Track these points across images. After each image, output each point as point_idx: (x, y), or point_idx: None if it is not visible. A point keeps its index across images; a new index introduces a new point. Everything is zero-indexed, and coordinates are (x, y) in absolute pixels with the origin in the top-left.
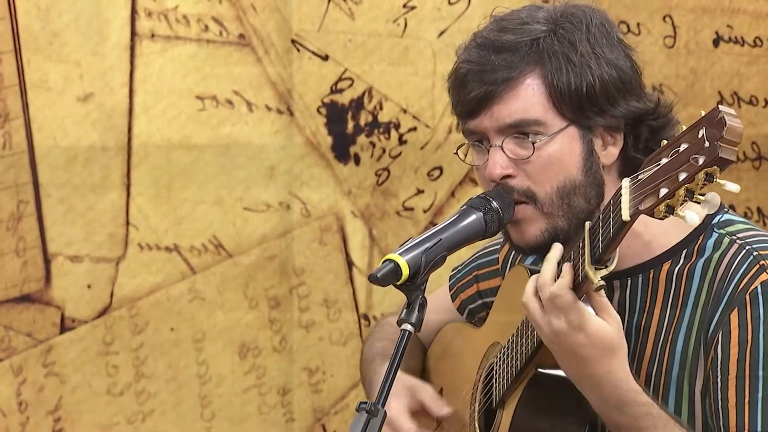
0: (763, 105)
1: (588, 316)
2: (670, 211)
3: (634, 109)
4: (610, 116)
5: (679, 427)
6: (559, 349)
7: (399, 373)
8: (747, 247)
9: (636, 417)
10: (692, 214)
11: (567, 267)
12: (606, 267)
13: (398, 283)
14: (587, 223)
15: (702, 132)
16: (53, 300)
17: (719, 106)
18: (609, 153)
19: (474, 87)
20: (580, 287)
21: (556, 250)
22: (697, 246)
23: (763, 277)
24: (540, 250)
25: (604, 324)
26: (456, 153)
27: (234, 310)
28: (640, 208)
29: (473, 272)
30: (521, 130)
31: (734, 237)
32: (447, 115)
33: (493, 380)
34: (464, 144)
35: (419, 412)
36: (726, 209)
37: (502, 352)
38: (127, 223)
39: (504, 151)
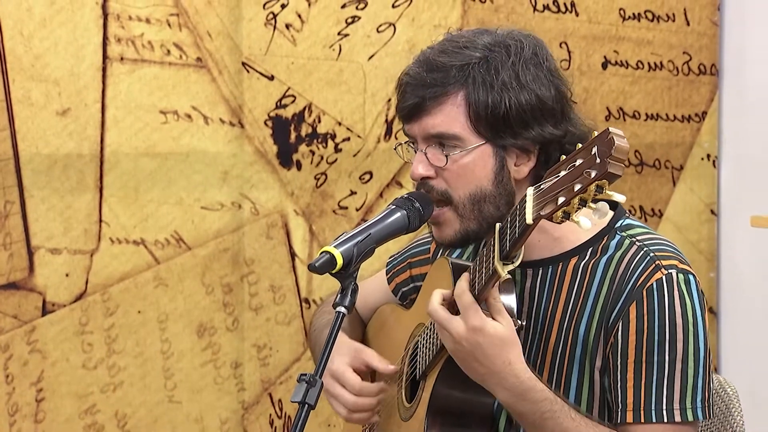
0: (644, 119)
1: (483, 317)
2: (566, 216)
3: (546, 134)
4: (523, 138)
5: (574, 410)
6: (461, 355)
7: (345, 338)
8: (645, 249)
9: (536, 402)
10: (585, 220)
11: (465, 275)
12: (512, 262)
13: (333, 271)
14: (497, 225)
15: (595, 150)
16: (36, 287)
17: (609, 128)
18: (520, 170)
19: (409, 97)
20: (489, 280)
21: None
22: (601, 245)
23: (658, 275)
24: (454, 247)
25: (497, 323)
26: (395, 149)
27: (193, 295)
28: (541, 213)
29: (407, 260)
30: (441, 142)
31: (634, 239)
32: (376, 128)
33: (418, 355)
34: (402, 143)
35: (360, 373)
36: (627, 215)
37: (425, 332)
38: (100, 220)
39: (426, 156)
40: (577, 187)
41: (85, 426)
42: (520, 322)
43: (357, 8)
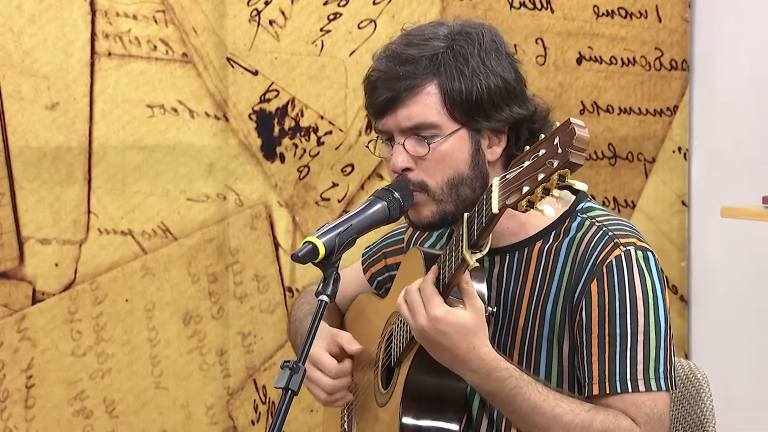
0: (618, 113)
1: (445, 307)
2: (531, 205)
3: (515, 114)
4: (495, 120)
5: (541, 385)
6: (428, 343)
7: (325, 325)
8: (603, 228)
9: (502, 380)
10: (549, 208)
11: (434, 267)
12: (480, 251)
13: (316, 261)
14: (465, 214)
15: (557, 140)
16: (26, 276)
17: (571, 118)
18: (494, 151)
19: (382, 92)
20: (458, 269)
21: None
22: (563, 228)
23: (617, 252)
24: (432, 229)
25: (459, 311)
26: (367, 146)
27: (179, 284)
28: (506, 202)
29: (382, 250)
30: (419, 132)
31: (594, 220)
32: (357, 121)
33: (393, 343)
34: (374, 140)
35: (337, 357)
36: (588, 198)
37: (399, 320)
38: (89, 211)
39: (405, 148)
40: (541, 176)
41: (74, 411)
42: (490, 309)
43: (339, 5)
